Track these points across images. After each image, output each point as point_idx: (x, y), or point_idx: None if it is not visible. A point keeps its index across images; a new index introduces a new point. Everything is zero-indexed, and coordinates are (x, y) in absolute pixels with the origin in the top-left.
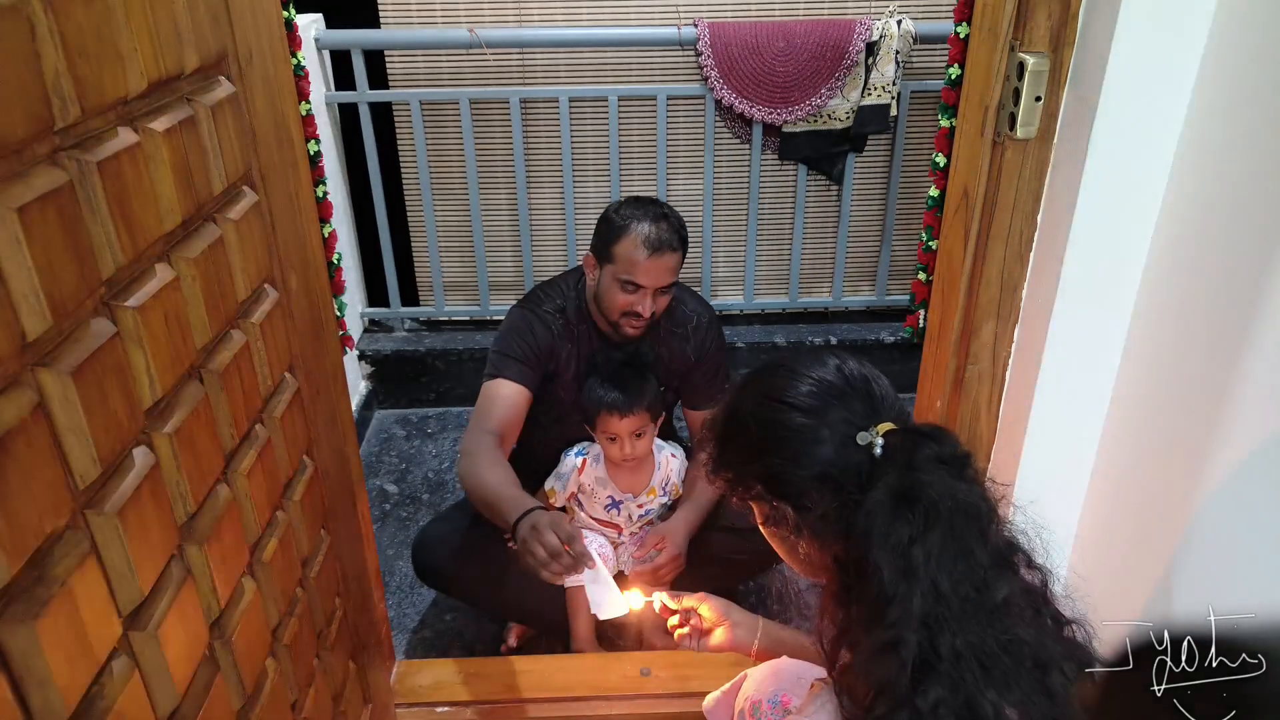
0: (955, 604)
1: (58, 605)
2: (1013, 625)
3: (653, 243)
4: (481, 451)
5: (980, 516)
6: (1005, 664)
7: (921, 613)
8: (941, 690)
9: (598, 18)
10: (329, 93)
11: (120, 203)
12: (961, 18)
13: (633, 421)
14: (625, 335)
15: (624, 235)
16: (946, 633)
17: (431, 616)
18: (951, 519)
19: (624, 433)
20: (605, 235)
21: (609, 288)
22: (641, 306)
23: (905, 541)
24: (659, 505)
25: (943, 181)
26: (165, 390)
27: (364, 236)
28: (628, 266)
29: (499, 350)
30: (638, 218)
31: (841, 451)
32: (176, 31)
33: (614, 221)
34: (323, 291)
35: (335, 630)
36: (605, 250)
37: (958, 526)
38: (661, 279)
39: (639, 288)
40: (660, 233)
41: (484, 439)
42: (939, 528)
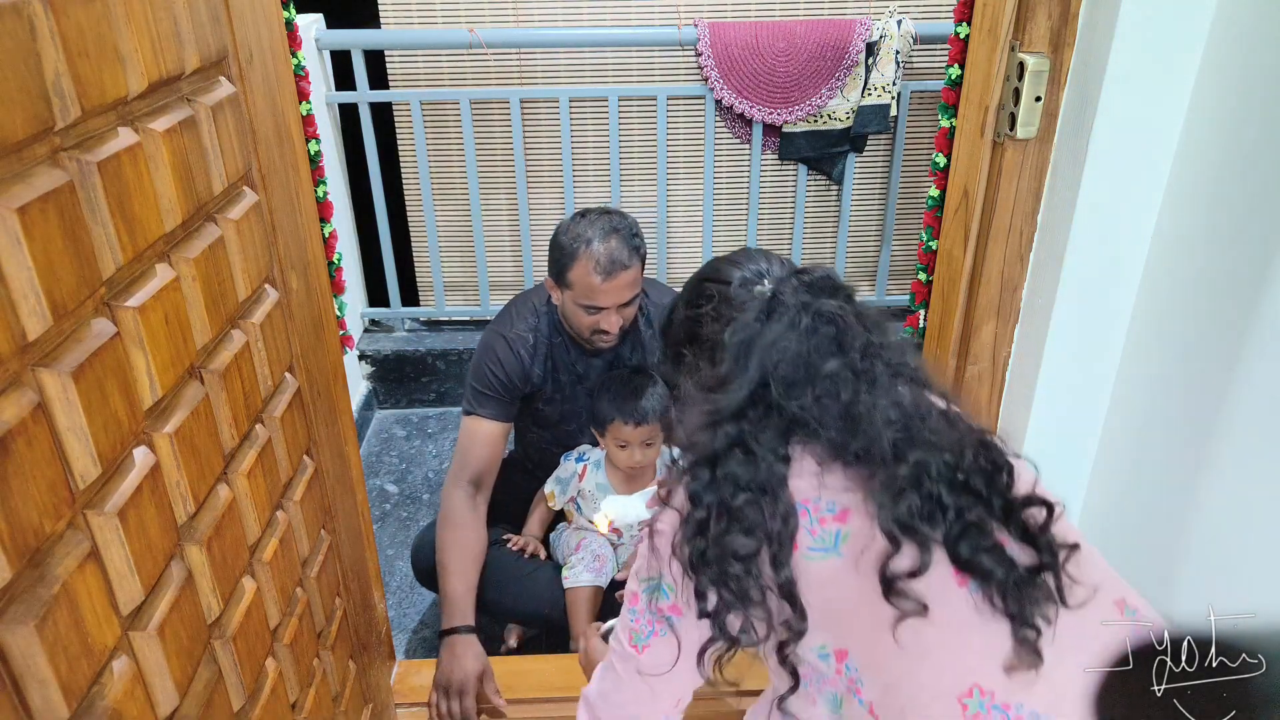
0: (790, 392)
1: (58, 605)
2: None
3: (604, 266)
4: (450, 522)
5: (838, 323)
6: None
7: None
8: (740, 470)
9: (598, 18)
10: (329, 93)
11: (120, 203)
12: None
13: (646, 431)
14: (601, 347)
15: (575, 262)
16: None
17: (431, 616)
18: (799, 316)
19: (635, 441)
20: (559, 261)
21: (573, 311)
22: (607, 324)
23: (749, 333)
24: None
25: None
26: (165, 390)
27: (364, 236)
28: (586, 292)
29: (473, 384)
30: (586, 239)
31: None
32: (176, 31)
33: (564, 246)
34: (323, 291)
35: (335, 630)
36: (561, 277)
37: (807, 326)
38: (622, 296)
39: (602, 309)
40: (611, 252)
41: (461, 501)
42: (783, 322)
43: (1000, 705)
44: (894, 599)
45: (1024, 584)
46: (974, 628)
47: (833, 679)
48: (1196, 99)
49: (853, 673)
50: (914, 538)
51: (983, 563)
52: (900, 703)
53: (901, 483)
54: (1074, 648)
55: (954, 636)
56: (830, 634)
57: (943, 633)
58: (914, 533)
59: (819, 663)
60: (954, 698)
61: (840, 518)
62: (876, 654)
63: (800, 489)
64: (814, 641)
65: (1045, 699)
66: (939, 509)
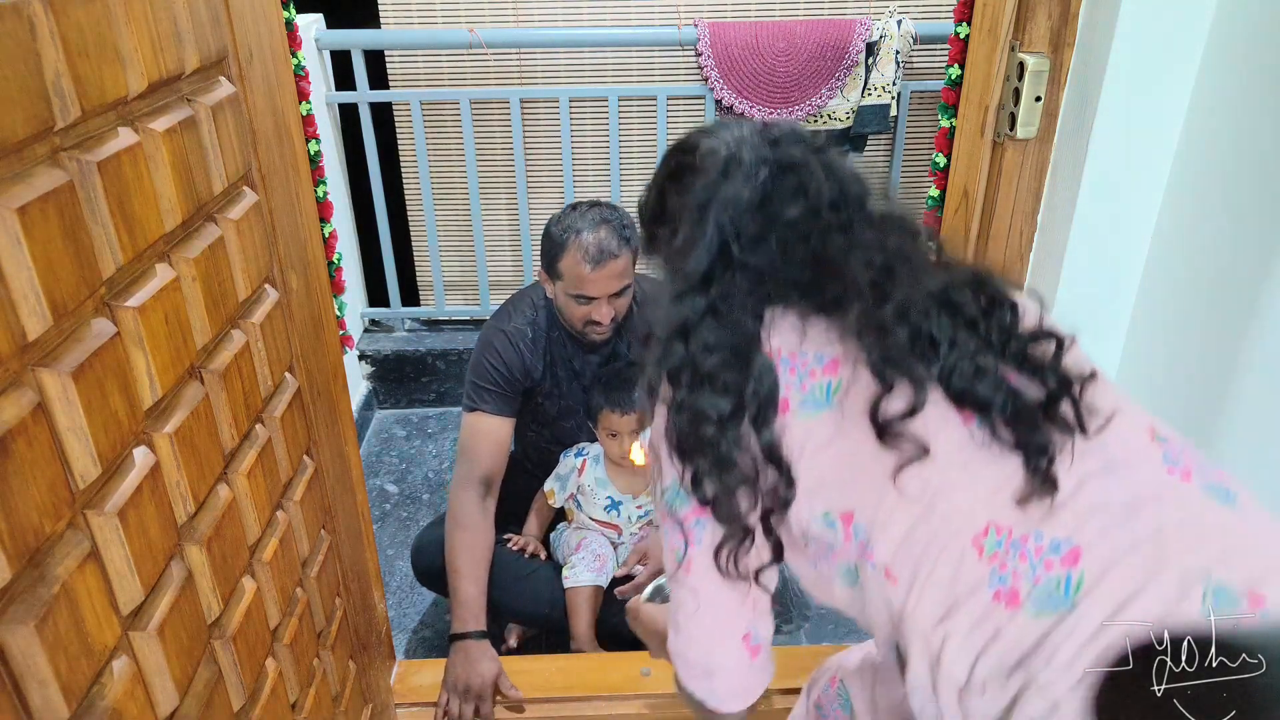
0: (752, 248)
1: (58, 605)
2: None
3: (593, 255)
4: (461, 524)
5: (800, 171)
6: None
7: (712, 261)
8: (712, 335)
9: (598, 18)
10: (329, 93)
11: (120, 203)
12: (961, 18)
13: (634, 420)
14: (594, 340)
15: (564, 251)
16: (739, 283)
17: (431, 616)
18: (757, 169)
19: (625, 430)
20: (549, 252)
21: (565, 303)
22: (599, 315)
23: (705, 195)
24: None
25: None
26: (165, 390)
27: (364, 236)
28: (576, 282)
29: (474, 380)
30: (576, 229)
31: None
32: (176, 31)
33: (555, 237)
34: (323, 291)
35: (335, 630)
36: (552, 267)
37: (765, 178)
38: (611, 286)
39: (592, 299)
40: (600, 241)
41: (472, 502)
42: (738, 178)
43: (1019, 540)
44: (891, 442)
45: (1029, 412)
46: (982, 465)
47: (842, 548)
48: (1196, 99)
49: (861, 536)
50: (906, 375)
51: (979, 391)
52: (914, 557)
53: (887, 319)
54: (1098, 471)
55: (960, 476)
56: (833, 497)
57: (948, 474)
58: (905, 369)
59: (826, 532)
60: (969, 540)
61: (829, 369)
62: (883, 509)
63: (782, 345)
64: (818, 509)
65: (1068, 526)
66: (930, 344)
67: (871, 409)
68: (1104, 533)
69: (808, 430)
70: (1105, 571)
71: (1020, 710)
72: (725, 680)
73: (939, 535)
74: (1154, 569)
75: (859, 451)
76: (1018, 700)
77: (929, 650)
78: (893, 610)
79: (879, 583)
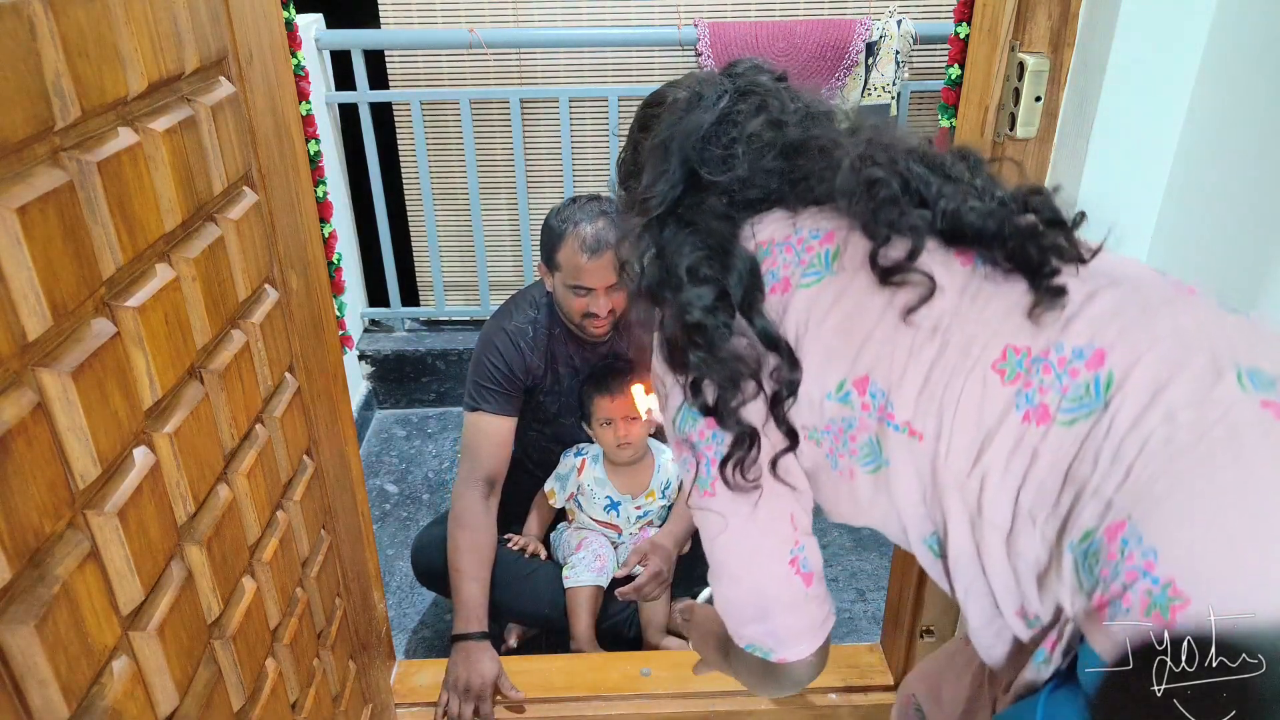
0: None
1: (58, 605)
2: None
3: (590, 244)
4: (464, 524)
5: (760, 92)
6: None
7: (681, 190)
8: (686, 244)
9: (598, 18)
10: (329, 93)
11: (120, 203)
12: (961, 18)
13: (624, 403)
14: (593, 335)
15: (563, 241)
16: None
17: (431, 616)
18: (717, 100)
19: (617, 415)
20: (548, 243)
21: (563, 295)
22: (596, 307)
23: (667, 132)
24: (658, 508)
25: None
26: (165, 390)
27: (364, 236)
28: (573, 272)
29: (475, 379)
30: (574, 220)
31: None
32: (176, 31)
33: (554, 228)
34: (323, 291)
35: (335, 630)
36: (550, 258)
37: (726, 105)
38: (608, 277)
39: (589, 290)
40: (598, 232)
41: (475, 502)
42: (698, 109)
43: (1040, 355)
44: (897, 285)
45: (1027, 232)
46: (989, 295)
47: (861, 420)
48: (1196, 99)
49: (879, 398)
50: (899, 225)
51: (973, 222)
52: (936, 401)
53: (873, 178)
54: (1106, 285)
55: (970, 308)
56: (845, 365)
57: (958, 309)
58: (898, 220)
59: (842, 409)
60: (988, 367)
61: (826, 239)
62: (897, 362)
63: (774, 233)
64: (830, 383)
65: (1086, 334)
66: (919, 198)
67: (871, 258)
68: (1124, 333)
69: (811, 300)
70: (1133, 366)
71: (1073, 525)
72: (782, 617)
73: (957, 370)
74: (1182, 358)
75: (865, 308)
76: (1069, 520)
77: (967, 503)
78: (923, 476)
79: (904, 446)
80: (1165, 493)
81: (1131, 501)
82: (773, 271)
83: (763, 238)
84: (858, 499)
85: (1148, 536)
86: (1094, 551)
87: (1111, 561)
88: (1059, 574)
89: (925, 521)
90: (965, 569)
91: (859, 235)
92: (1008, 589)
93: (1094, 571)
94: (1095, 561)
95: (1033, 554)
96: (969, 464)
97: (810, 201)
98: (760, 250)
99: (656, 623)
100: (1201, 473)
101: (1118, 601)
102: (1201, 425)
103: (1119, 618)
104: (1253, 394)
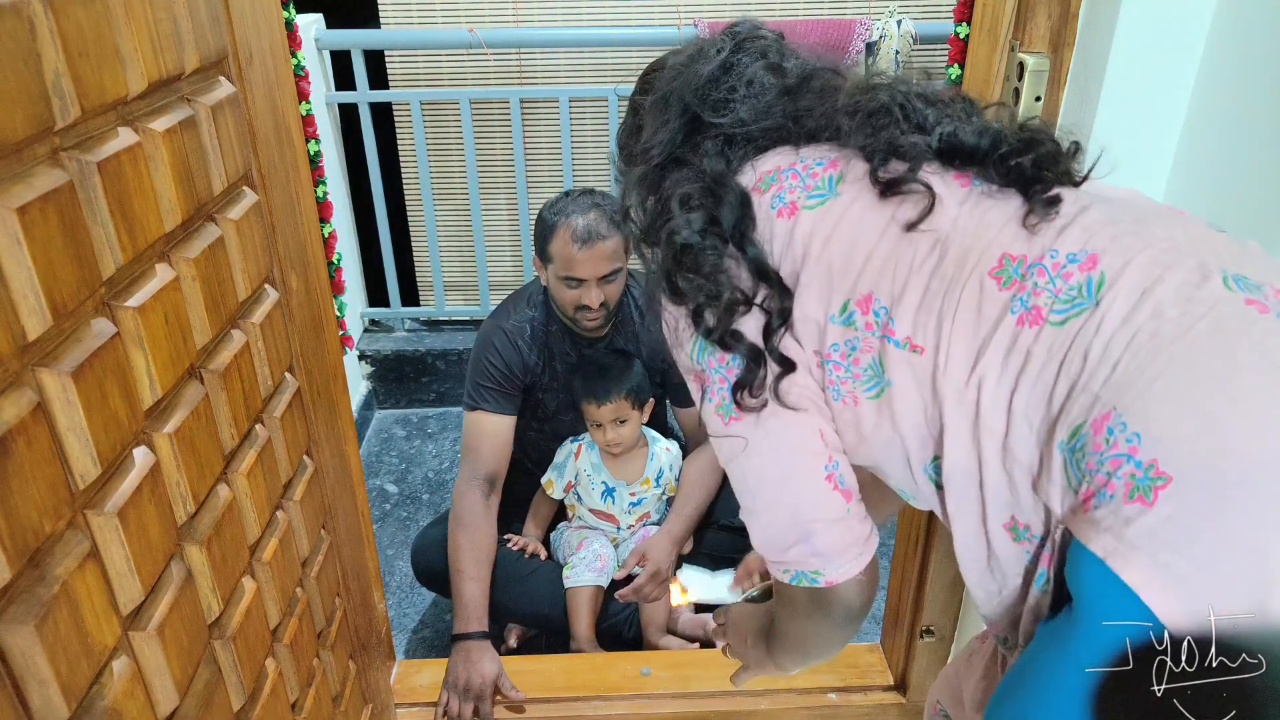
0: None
1: (58, 605)
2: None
3: (581, 235)
4: (464, 524)
5: (759, 44)
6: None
7: (682, 134)
8: (681, 181)
9: (598, 18)
10: (329, 93)
11: (120, 203)
12: (961, 18)
13: (611, 409)
14: (587, 329)
15: (555, 233)
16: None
17: (431, 616)
18: (715, 55)
19: (605, 419)
20: (541, 235)
21: (556, 287)
22: (588, 299)
23: (665, 88)
24: (653, 497)
25: None
26: (165, 390)
27: (364, 236)
28: (565, 263)
29: (474, 378)
30: (567, 212)
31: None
32: (176, 31)
33: (547, 220)
34: (323, 291)
35: (335, 630)
36: (544, 250)
37: (724, 59)
38: (600, 268)
39: (581, 281)
40: (589, 222)
41: (476, 502)
42: (698, 63)
43: (1035, 261)
44: (900, 192)
45: (1022, 145)
46: (987, 207)
47: (865, 342)
48: (1196, 99)
49: (881, 315)
50: (900, 145)
51: (968, 139)
52: (935, 313)
53: (872, 106)
54: (1098, 201)
55: (968, 221)
56: (849, 284)
57: (955, 221)
58: (896, 143)
59: (845, 331)
60: (985, 274)
61: (830, 166)
62: (899, 277)
63: (779, 163)
64: (835, 304)
65: (1080, 240)
66: (915, 125)
67: (873, 174)
68: (1116, 239)
69: (816, 220)
70: (1125, 267)
71: (1063, 423)
72: (826, 533)
73: (955, 281)
74: (1172, 261)
75: (868, 226)
76: (1059, 419)
77: (966, 409)
78: (924, 392)
79: (905, 362)
80: (1149, 381)
81: (1117, 393)
82: (779, 196)
83: (767, 168)
84: (861, 428)
85: (1131, 423)
86: (1081, 447)
87: (1097, 452)
88: (1049, 476)
89: (927, 444)
90: (959, 483)
91: (860, 160)
92: (999, 498)
93: (1080, 466)
94: (1082, 456)
95: (1027, 457)
96: (966, 372)
97: (811, 139)
98: (765, 178)
99: (656, 623)
100: (1185, 361)
101: (1103, 490)
102: (1187, 319)
103: (1103, 506)
104: (1238, 293)
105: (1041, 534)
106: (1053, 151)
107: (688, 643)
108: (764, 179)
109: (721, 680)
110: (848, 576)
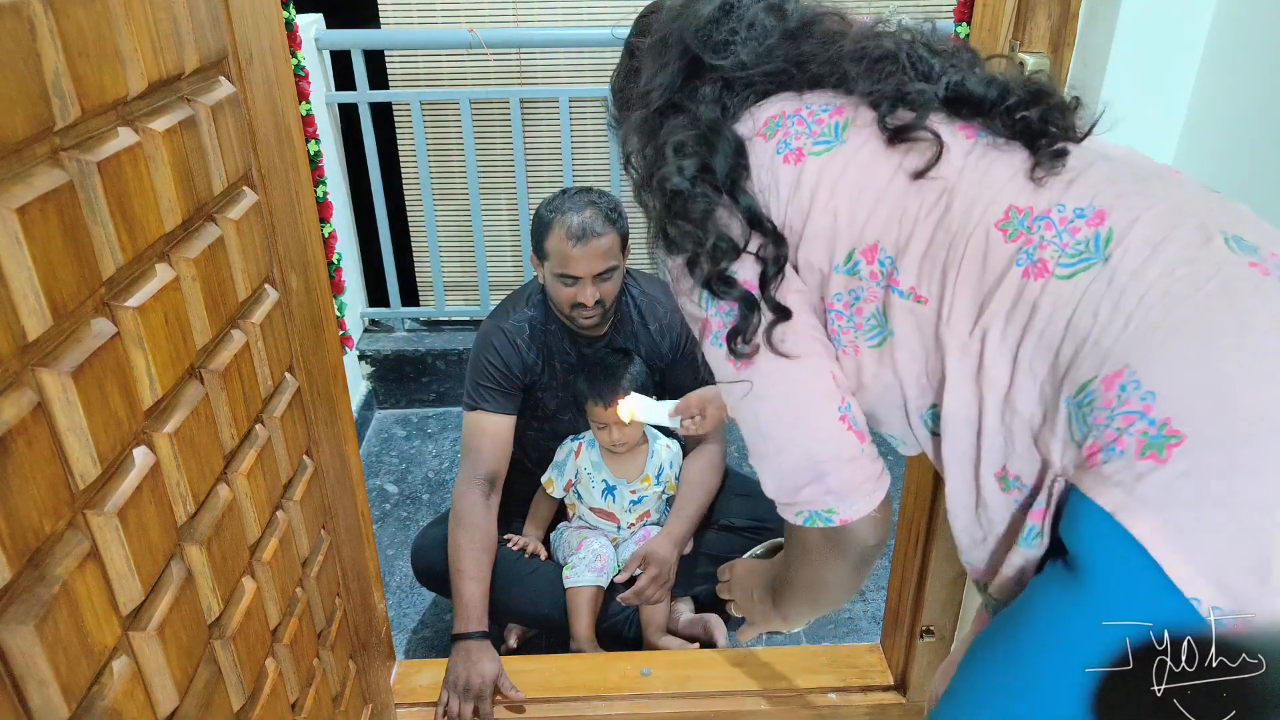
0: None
1: (58, 605)
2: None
3: (576, 232)
4: (465, 524)
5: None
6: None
7: (682, 77)
8: (678, 128)
9: (598, 18)
10: (329, 93)
11: (120, 203)
12: (961, 18)
13: (615, 411)
14: (584, 327)
15: (550, 230)
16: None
17: (431, 616)
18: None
19: (610, 421)
20: (538, 233)
21: (552, 284)
22: (583, 296)
23: (663, 30)
24: (654, 495)
25: None
26: (165, 390)
27: (364, 236)
28: (560, 260)
29: (474, 378)
30: (563, 210)
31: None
32: (176, 31)
33: (543, 217)
34: (323, 291)
35: (335, 630)
36: (540, 248)
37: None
38: (595, 266)
39: (576, 279)
40: (585, 220)
41: (476, 501)
42: (697, 4)
43: (1041, 214)
44: (908, 140)
45: (1027, 97)
46: (993, 159)
47: (869, 290)
48: (1196, 99)
49: (886, 265)
50: (907, 92)
51: (974, 89)
52: (940, 264)
53: (878, 54)
54: (1100, 158)
55: (973, 172)
56: (855, 233)
57: (961, 171)
58: (903, 90)
59: (849, 281)
60: (991, 226)
61: (836, 112)
62: (904, 226)
63: (783, 109)
64: (840, 254)
65: (1086, 195)
66: (921, 74)
67: (880, 121)
68: (1122, 196)
69: (822, 167)
70: (1133, 223)
71: (1071, 378)
72: (839, 472)
73: (961, 231)
74: (1175, 221)
75: (875, 174)
76: (1068, 374)
77: (969, 360)
78: (927, 342)
79: (909, 312)
80: (1163, 340)
81: (1130, 350)
82: (785, 141)
83: (771, 113)
84: (861, 375)
85: (1146, 381)
86: (1089, 402)
87: (1107, 408)
88: (1052, 428)
89: (926, 392)
90: (957, 431)
91: (867, 107)
92: (994, 448)
93: (1087, 420)
94: (1090, 410)
95: (1028, 409)
96: (970, 323)
97: (815, 84)
98: (770, 124)
99: (656, 623)
100: (1199, 321)
101: (1112, 446)
102: (1197, 279)
103: (1112, 461)
104: (1240, 255)
105: (1033, 485)
106: (1059, 104)
107: (688, 643)
108: (769, 124)
109: (722, 680)
110: (862, 514)
